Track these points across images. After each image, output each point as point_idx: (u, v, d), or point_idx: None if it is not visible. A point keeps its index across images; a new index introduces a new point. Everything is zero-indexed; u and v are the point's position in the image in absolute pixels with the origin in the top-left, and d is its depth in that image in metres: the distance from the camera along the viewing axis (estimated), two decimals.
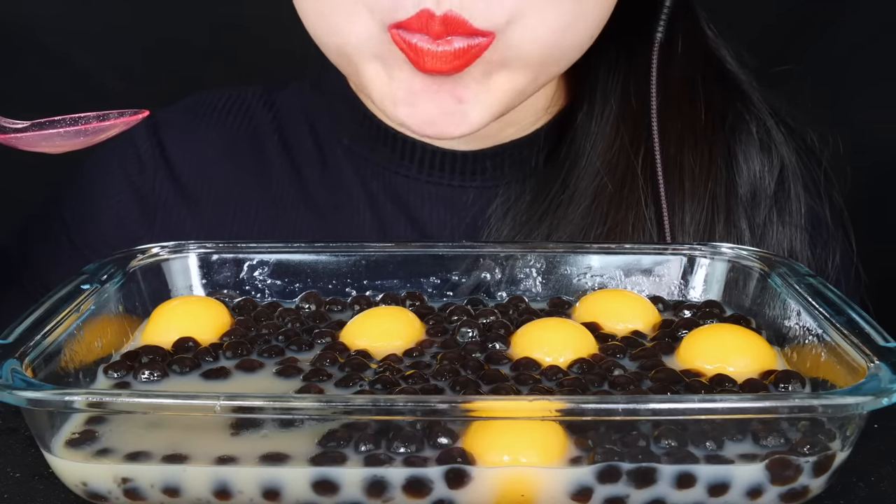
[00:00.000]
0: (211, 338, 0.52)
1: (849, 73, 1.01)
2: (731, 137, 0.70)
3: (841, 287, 0.62)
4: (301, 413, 0.40)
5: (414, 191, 0.71)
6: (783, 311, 0.52)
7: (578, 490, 0.40)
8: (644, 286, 0.59)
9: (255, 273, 0.58)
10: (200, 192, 0.73)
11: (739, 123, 0.71)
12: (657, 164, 0.66)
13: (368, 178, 0.72)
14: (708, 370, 0.48)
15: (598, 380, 0.47)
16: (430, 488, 0.40)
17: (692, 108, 0.69)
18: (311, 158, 0.73)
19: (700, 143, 0.68)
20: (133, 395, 0.41)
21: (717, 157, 0.69)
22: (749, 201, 0.70)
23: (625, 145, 0.68)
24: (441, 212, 0.71)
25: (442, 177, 0.70)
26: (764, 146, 0.71)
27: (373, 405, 0.39)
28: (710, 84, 0.70)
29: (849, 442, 0.41)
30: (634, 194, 0.67)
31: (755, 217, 0.70)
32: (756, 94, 0.72)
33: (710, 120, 0.69)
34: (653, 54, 0.66)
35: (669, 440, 0.41)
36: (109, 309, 0.52)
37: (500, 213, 0.69)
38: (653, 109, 0.66)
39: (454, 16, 0.53)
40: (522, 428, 0.41)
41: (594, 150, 0.68)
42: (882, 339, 0.44)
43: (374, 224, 0.71)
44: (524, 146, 0.70)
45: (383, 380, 0.46)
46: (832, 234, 0.73)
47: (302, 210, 0.72)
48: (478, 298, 0.57)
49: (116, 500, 0.41)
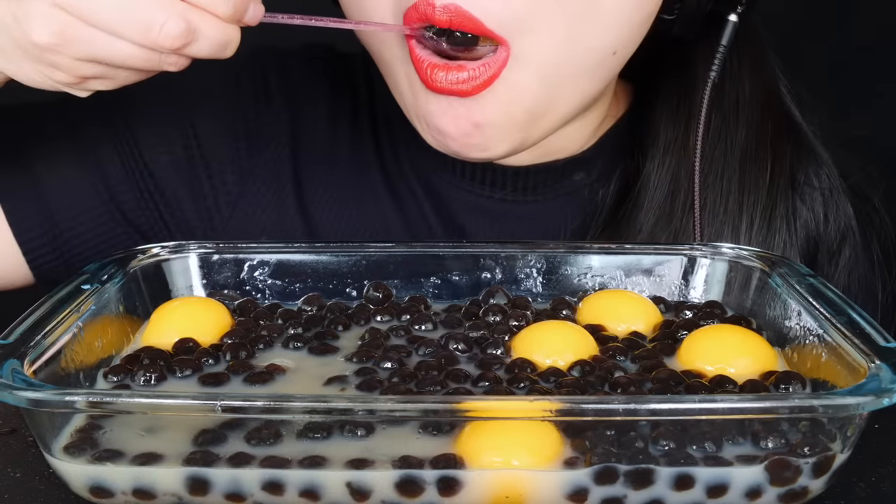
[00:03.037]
0: (211, 339, 0.52)
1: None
2: (797, 196, 0.69)
3: None
4: (293, 413, 0.40)
5: (456, 199, 0.71)
6: (784, 312, 0.52)
7: (575, 491, 0.40)
8: (644, 286, 0.59)
9: (255, 273, 0.58)
10: (307, 144, 0.72)
11: (807, 182, 0.70)
12: (696, 215, 0.65)
13: (416, 174, 0.72)
14: (709, 371, 0.48)
15: (599, 381, 0.47)
16: (423, 489, 0.40)
17: (756, 165, 0.68)
18: (387, 143, 0.73)
19: (761, 202, 0.68)
20: (133, 395, 0.41)
21: (779, 217, 0.68)
22: (809, 259, 0.69)
23: (681, 196, 0.67)
24: (479, 220, 0.70)
25: (483, 189, 0.70)
26: (830, 208, 0.70)
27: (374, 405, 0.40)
28: (778, 139, 0.69)
29: (849, 443, 0.41)
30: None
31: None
32: (826, 153, 0.71)
33: (775, 178, 0.68)
34: (704, 96, 0.65)
35: (668, 441, 0.41)
36: (110, 309, 0.52)
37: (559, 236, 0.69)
38: (696, 155, 0.65)
39: (457, 6, 0.55)
40: (518, 429, 0.41)
41: (654, 198, 0.68)
42: (882, 339, 0.44)
43: (408, 217, 0.71)
44: (569, 166, 0.70)
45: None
46: (881, 306, 0.72)
47: (376, 193, 0.72)
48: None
49: (117, 500, 0.41)
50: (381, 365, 0.49)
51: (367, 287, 0.58)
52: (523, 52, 0.57)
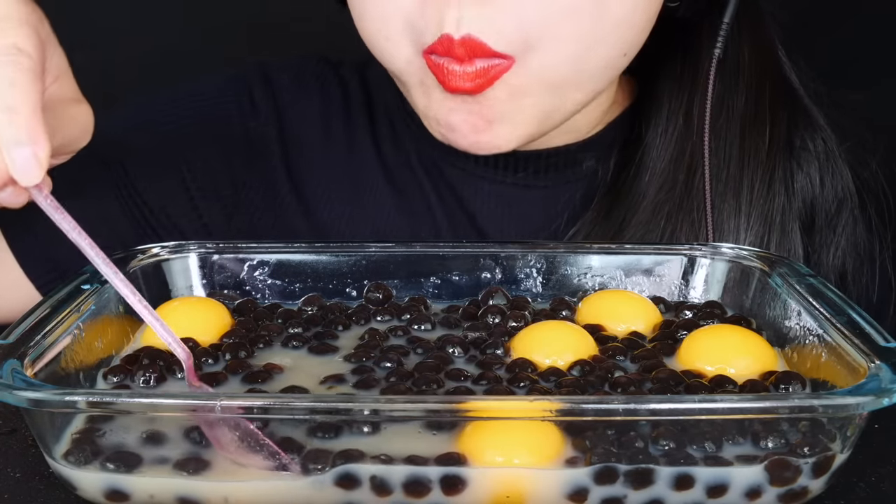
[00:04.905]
0: (211, 339, 0.52)
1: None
2: (794, 161, 0.70)
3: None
4: (296, 413, 0.40)
5: (468, 184, 0.72)
6: (784, 312, 0.52)
7: (575, 491, 0.40)
8: (644, 286, 0.59)
9: (255, 273, 0.58)
10: (299, 150, 0.74)
11: (804, 149, 0.71)
12: (706, 183, 0.66)
13: (426, 165, 0.73)
14: (709, 371, 0.48)
15: (599, 381, 0.47)
16: (429, 488, 0.40)
17: (755, 129, 0.69)
18: (388, 140, 0.74)
19: (761, 165, 0.69)
20: (133, 395, 0.41)
21: (778, 180, 0.69)
22: (807, 225, 0.70)
23: (685, 163, 0.68)
24: (492, 205, 0.71)
25: (496, 173, 0.71)
26: (826, 172, 0.71)
27: (372, 405, 0.40)
28: (777, 105, 0.70)
29: (849, 443, 0.41)
30: (691, 213, 0.68)
31: (813, 241, 0.70)
32: (822, 116, 0.72)
33: (774, 142, 0.69)
34: (710, 71, 0.66)
35: (668, 441, 0.41)
36: (110, 309, 0.52)
37: (564, 217, 0.70)
38: (706, 129, 0.66)
39: (473, 38, 0.56)
40: (519, 429, 0.41)
41: (656, 166, 0.69)
42: (882, 339, 0.44)
43: (413, 207, 0.72)
44: (579, 150, 0.71)
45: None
46: (879, 268, 0.73)
47: (378, 188, 0.73)
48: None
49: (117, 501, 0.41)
50: (381, 364, 0.49)
51: (368, 287, 0.58)
52: (533, 63, 0.58)
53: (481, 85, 0.58)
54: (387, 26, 0.60)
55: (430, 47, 0.58)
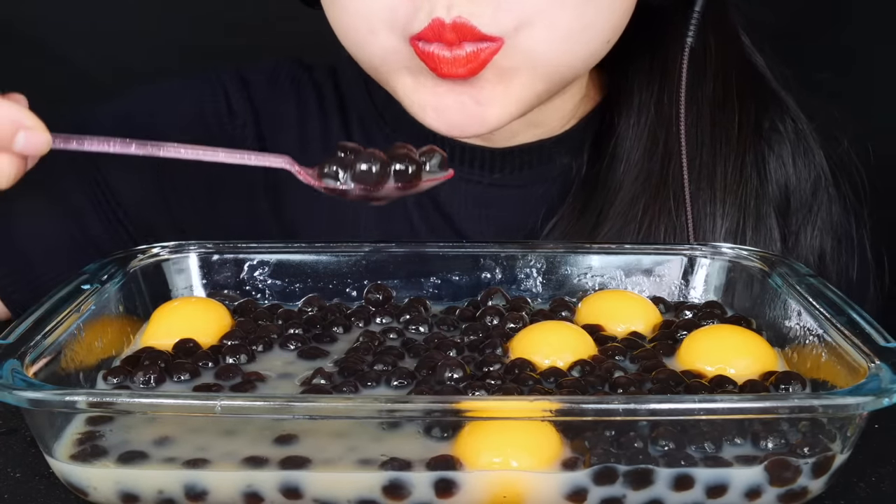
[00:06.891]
0: (211, 339, 0.52)
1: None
2: (765, 145, 0.71)
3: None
4: (294, 413, 0.40)
5: (443, 186, 0.71)
6: (784, 312, 0.52)
7: (574, 491, 0.40)
8: (644, 286, 0.59)
9: (255, 273, 0.58)
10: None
11: (774, 131, 0.71)
12: (684, 172, 0.67)
13: None
14: (709, 371, 0.48)
15: (599, 381, 0.47)
16: (415, 492, 0.40)
17: (725, 115, 0.70)
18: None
19: (733, 151, 0.69)
20: (133, 395, 0.41)
21: (749, 165, 0.70)
22: (783, 207, 0.71)
23: (658, 153, 0.69)
24: (469, 206, 0.71)
25: (472, 173, 0.71)
26: (798, 153, 0.71)
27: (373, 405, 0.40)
28: (744, 91, 0.71)
29: (849, 443, 0.41)
30: (667, 202, 0.68)
31: (790, 223, 0.71)
32: (791, 99, 0.72)
33: (743, 127, 0.70)
34: (682, 60, 0.67)
35: (667, 442, 0.41)
36: (110, 309, 0.52)
37: (541, 215, 0.70)
38: (681, 117, 0.67)
39: (463, 22, 0.56)
40: (517, 430, 0.41)
41: (630, 157, 0.69)
42: (882, 339, 0.44)
43: (399, 209, 0.72)
44: (553, 146, 0.71)
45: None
46: (857, 245, 0.73)
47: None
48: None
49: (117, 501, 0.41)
50: (375, 367, 0.49)
51: (367, 288, 0.58)
52: (521, 44, 0.58)
53: (473, 69, 0.58)
54: (371, 18, 0.60)
55: (419, 34, 0.58)
